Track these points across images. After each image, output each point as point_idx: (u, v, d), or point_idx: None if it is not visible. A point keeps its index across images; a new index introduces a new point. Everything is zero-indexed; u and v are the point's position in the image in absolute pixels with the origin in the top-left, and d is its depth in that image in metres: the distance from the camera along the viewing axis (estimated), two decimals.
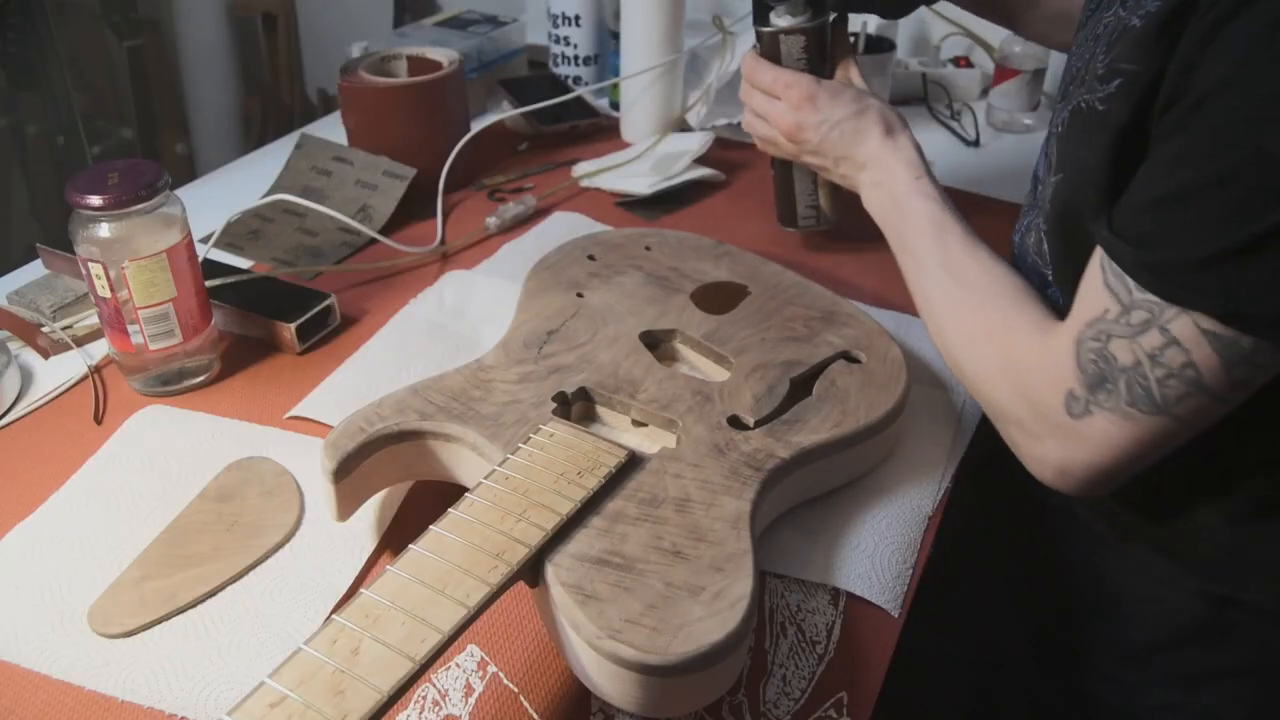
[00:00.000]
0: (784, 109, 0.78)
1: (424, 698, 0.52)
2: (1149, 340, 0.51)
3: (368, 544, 0.60)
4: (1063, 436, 0.56)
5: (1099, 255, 0.54)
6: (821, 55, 0.81)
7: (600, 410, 0.64)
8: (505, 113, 1.14)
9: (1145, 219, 0.51)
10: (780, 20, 0.79)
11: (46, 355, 0.76)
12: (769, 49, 0.81)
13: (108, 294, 0.68)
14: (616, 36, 1.15)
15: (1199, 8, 0.48)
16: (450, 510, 0.50)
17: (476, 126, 1.03)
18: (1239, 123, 0.47)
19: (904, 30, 1.33)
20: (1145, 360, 0.51)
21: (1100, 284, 0.53)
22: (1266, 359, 0.49)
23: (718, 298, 0.74)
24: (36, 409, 0.72)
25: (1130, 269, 0.51)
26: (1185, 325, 0.49)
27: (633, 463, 0.56)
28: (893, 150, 0.73)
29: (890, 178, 0.72)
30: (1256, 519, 0.62)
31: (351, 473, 0.57)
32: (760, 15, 0.80)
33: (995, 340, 0.61)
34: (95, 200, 0.64)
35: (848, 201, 0.97)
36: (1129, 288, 0.51)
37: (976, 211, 0.72)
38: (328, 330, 0.80)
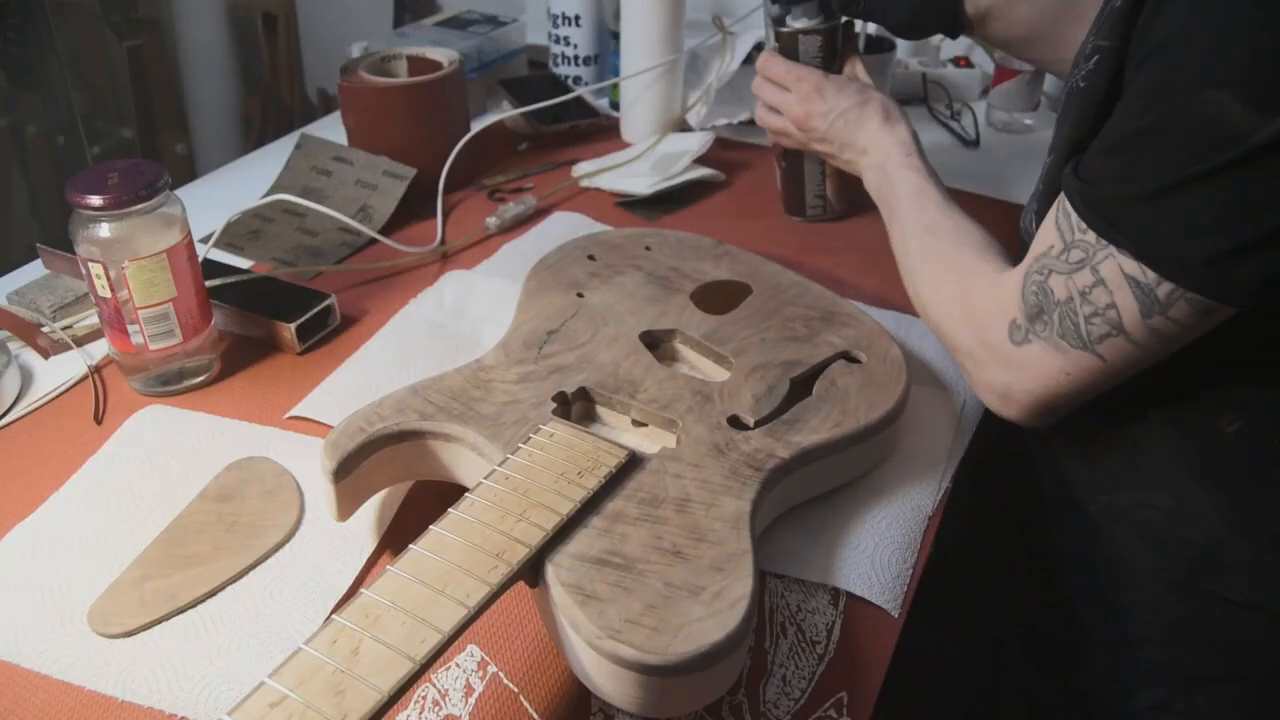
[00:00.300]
0: (794, 100, 0.84)
1: (424, 698, 0.52)
2: (1081, 278, 0.55)
3: (368, 544, 0.60)
4: (1005, 363, 0.61)
5: (1059, 198, 0.58)
6: (833, 54, 0.88)
7: (600, 410, 0.64)
8: (505, 113, 1.14)
9: (1095, 162, 0.55)
10: (797, 22, 0.86)
11: (46, 355, 0.76)
12: (787, 48, 0.87)
13: (108, 294, 0.68)
14: (616, 36, 1.15)
15: None
16: (450, 510, 0.50)
17: (476, 126, 1.03)
18: (1170, 79, 0.51)
19: None
20: (1076, 296, 0.55)
21: (1052, 222, 0.58)
22: (1180, 314, 0.52)
23: (718, 298, 0.74)
24: (36, 409, 0.72)
25: (1073, 200, 0.55)
26: (1111, 267, 0.53)
27: (633, 463, 0.56)
28: (889, 133, 0.79)
29: (885, 158, 0.78)
30: (1239, 506, 0.63)
31: (351, 473, 0.57)
32: (779, 18, 0.87)
33: (957, 281, 0.66)
34: (95, 200, 0.64)
35: (851, 199, 0.98)
36: (1073, 226, 0.55)
37: (977, 211, 0.72)
38: (328, 330, 0.80)
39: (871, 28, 1.21)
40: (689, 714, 0.51)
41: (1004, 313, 0.60)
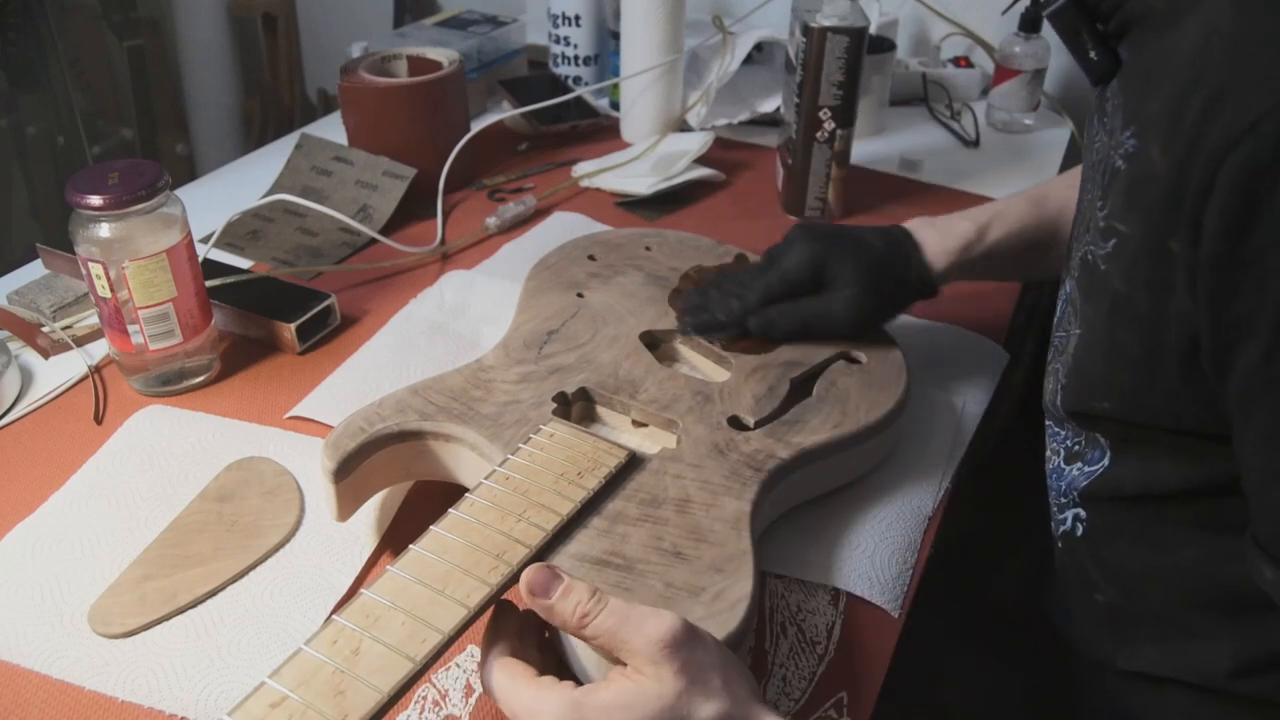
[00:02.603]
0: None
1: (424, 698, 0.52)
2: None
3: (368, 544, 0.60)
4: None
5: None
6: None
7: (600, 410, 0.64)
8: (505, 113, 1.14)
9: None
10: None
11: (46, 355, 0.76)
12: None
13: (108, 294, 0.68)
14: (616, 36, 1.15)
15: (1190, 186, 0.42)
16: (450, 510, 0.50)
17: (476, 126, 1.03)
18: None
19: (904, 30, 1.33)
20: None
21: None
22: None
23: None
24: (36, 409, 0.72)
25: None
26: None
27: (633, 463, 0.56)
28: None
29: None
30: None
31: (352, 473, 0.57)
32: None
33: None
34: (95, 200, 0.64)
35: (849, 203, 0.98)
36: None
37: None
38: (328, 330, 0.80)
39: (873, 27, 1.21)
40: None
41: None
